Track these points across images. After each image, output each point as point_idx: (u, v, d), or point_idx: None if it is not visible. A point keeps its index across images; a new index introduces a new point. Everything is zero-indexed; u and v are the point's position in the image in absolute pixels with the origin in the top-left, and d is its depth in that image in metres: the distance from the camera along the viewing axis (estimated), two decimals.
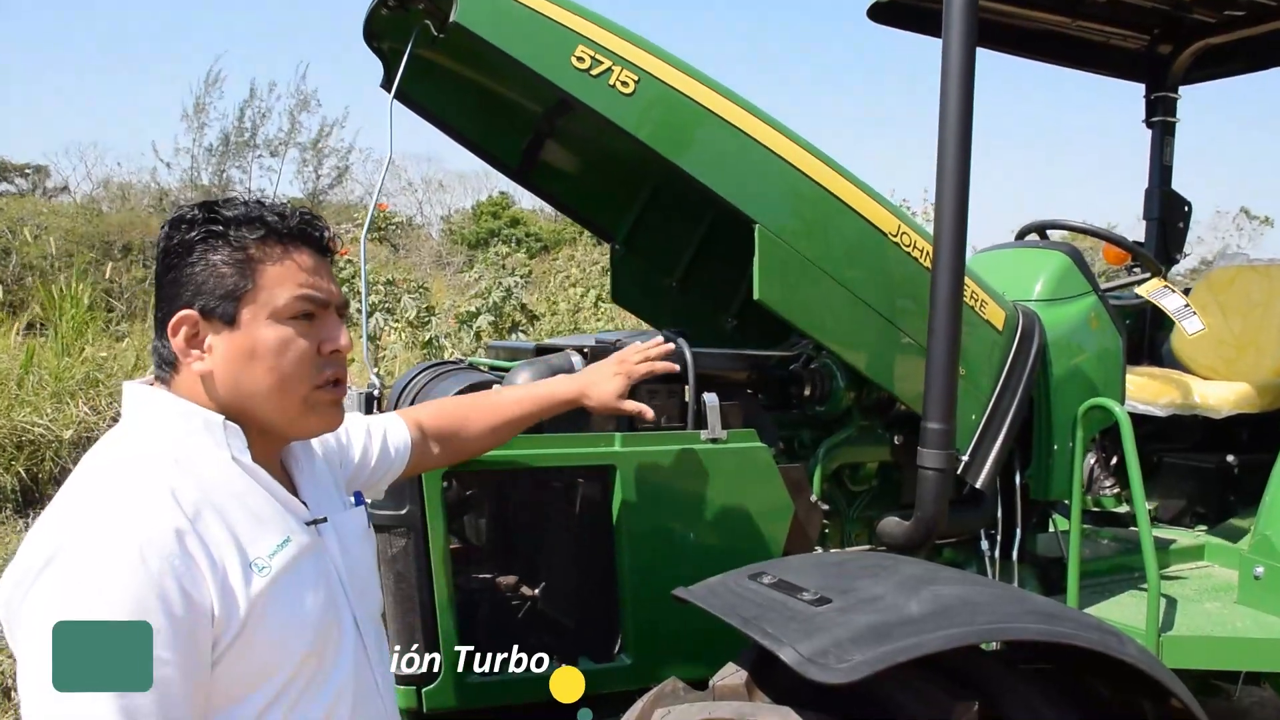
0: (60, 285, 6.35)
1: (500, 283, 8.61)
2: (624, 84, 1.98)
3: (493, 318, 8.38)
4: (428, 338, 7.52)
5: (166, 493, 1.15)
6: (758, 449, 2.13)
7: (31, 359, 4.90)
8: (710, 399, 2.12)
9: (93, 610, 1.06)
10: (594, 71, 1.97)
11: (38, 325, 6.12)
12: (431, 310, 7.96)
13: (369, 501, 1.59)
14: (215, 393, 1.26)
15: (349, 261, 8.55)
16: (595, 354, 2.08)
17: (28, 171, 20.15)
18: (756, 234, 2.07)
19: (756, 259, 2.07)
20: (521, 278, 9.00)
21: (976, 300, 2.40)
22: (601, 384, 1.89)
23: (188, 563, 1.12)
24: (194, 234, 1.25)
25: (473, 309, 8.33)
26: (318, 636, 1.26)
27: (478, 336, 7.77)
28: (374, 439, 1.63)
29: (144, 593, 1.08)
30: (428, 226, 21.92)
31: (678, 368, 2.05)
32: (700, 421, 2.12)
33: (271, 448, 1.33)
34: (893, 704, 1.49)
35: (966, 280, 2.35)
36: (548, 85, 1.97)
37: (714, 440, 2.10)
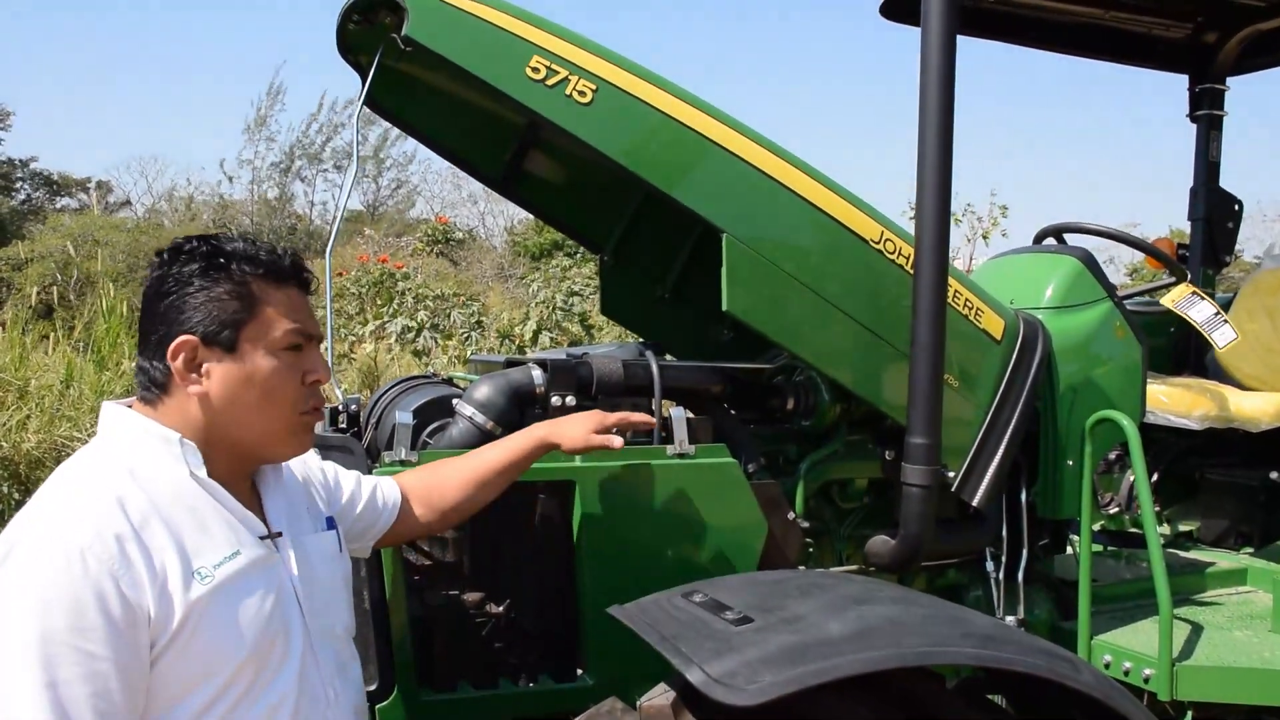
0: (107, 298, 6.60)
1: (556, 296, 8.63)
2: (581, 93, 1.95)
3: (551, 333, 8.41)
4: (468, 354, 7.60)
5: (113, 501, 1.24)
6: (727, 464, 2.06)
7: (72, 372, 5.09)
8: (677, 412, 2.06)
9: (35, 607, 1.14)
10: (549, 81, 1.94)
11: (82, 342, 6.38)
12: (480, 325, 8.03)
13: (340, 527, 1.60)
14: (206, 414, 1.35)
15: (405, 275, 8.71)
16: (556, 367, 2.04)
17: (88, 187, 21.11)
18: (724, 243, 2.01)
19: (724, 269, 2.01)
20: (578, 292, 9.01)
21: (971, 309, 2.29)
22: (571, 425, 1.87)
23: (127, 566, 1.20)
24: (196, 265, 1.34)
25: (533, 324, 8.37)
26: (259, 645, 1.32)
27: (520, 351, 7.80)
28: (364, 488, 1.71)
29: (82, 593, 1.16)
30: (490, 238, 22.19)
31: (655, 422, 2.01)
32: (666, 435, 2.06)
33: (238, 467, 1.41)
34: None
35: (959, 288, 2.26)
36: (505, 97, 1.95)
37: (680, 455, 2.04)
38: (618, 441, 1.89)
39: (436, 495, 1.77)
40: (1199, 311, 2.70)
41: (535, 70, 1.92)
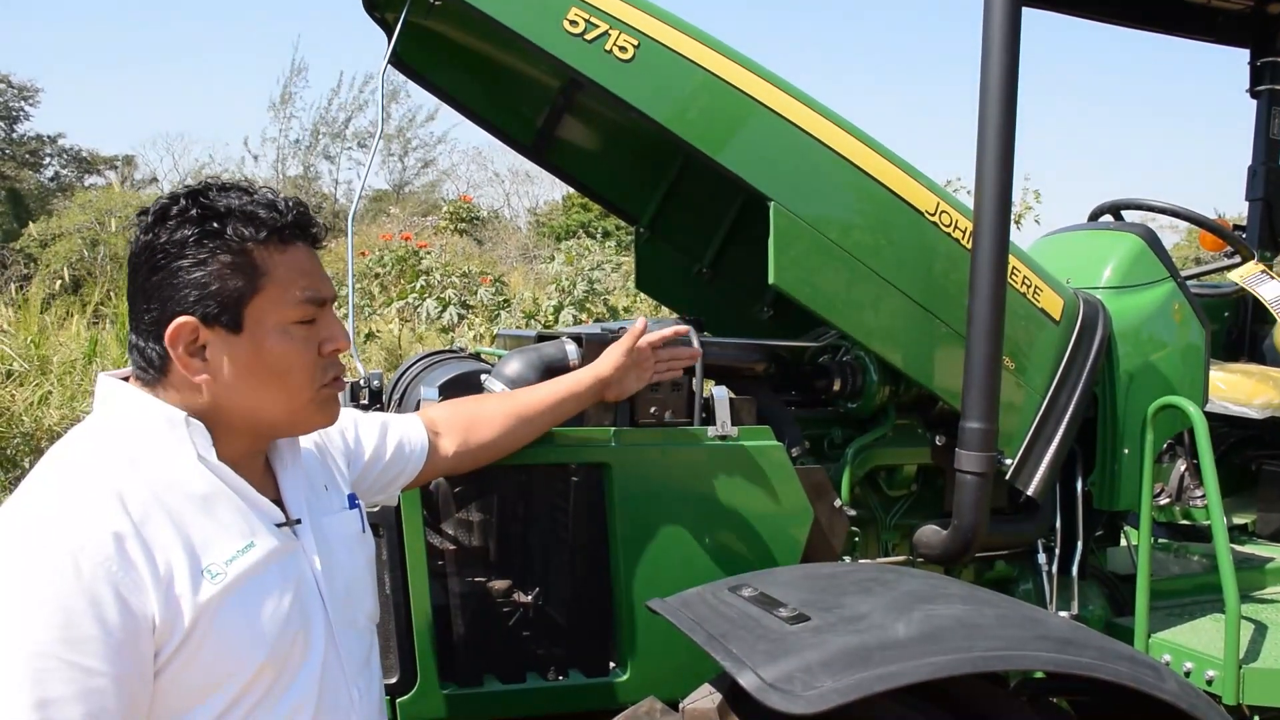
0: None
1: (583, 276, 8.50)
2: (622, 49, 1.83)
3: (575, 312, 8.30)
4: (495, 332, 7.50)
5: (112, 495, 1.11)
6: (772, 447, 1.94)
7: (95, 348, 5.06)
8: (719, 392, 1.94)
9: (21, 618, 1.03)
10: (589, 36, 1.82)
11: (109, 318, 6.38)
12: (507, 303, 7.93)
13: (363, 504, 1.49)
14: (213, 398, 1.22)
15: (427, 253, 8.61)
16: (592, 342, 1.93)
17: (116, 164, 21.13)
18: (771, 212, 1.89)
19: (772, 240, 1.89)
20: (601, 265, 8.88)
21: (1029, 286, 2.16)
22: (623, 381, 1.83)
23: (126, 568, 1.08)
24: (188, 232, 1.19)
25: (554, 303, 8.25)
26: (277, 647, 1.20)
27: (547, 328, 7.70)
28: (390, 437, 1.59)
29: (74, 601, 1.04)
30: (514, 219, 22.10)
31: (700, 351, 1.91)
32: (708, 416, 1.95)
33: (251, 446, 1.29)
34: None
35: (1018, 265, 2.13)
36: (541, 53, 1.83)
37: (722, 437, 1.92)
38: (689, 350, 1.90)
39: (474, 431, 1.68)
40: (1269, 289, 2.55)
41: (574, 23, 1.80)
